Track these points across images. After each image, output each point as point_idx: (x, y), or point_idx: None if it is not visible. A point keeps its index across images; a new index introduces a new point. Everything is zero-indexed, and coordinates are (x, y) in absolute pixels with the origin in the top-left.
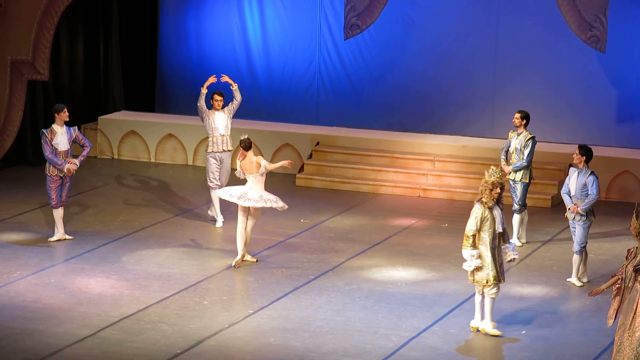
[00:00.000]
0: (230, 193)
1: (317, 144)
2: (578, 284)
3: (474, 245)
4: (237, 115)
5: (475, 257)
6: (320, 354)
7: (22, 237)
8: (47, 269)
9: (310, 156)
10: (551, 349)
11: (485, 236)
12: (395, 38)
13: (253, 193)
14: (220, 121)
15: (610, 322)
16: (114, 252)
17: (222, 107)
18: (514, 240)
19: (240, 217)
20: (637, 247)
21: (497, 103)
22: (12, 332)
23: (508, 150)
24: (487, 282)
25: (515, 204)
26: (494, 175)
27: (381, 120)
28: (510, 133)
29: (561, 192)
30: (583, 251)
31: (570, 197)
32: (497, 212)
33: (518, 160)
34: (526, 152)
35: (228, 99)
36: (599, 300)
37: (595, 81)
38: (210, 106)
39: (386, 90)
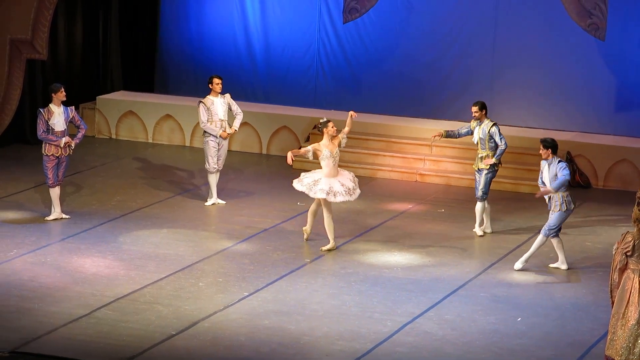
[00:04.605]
0: (325, 190)
1: (315, 127)
2: (564, 267)
3: None
4: (236, 97)
5: None
6: (315, 337)
7: (18, 216)
8: (43, 248)
9: (308, 139)
10: (546, 336)
11: None
12: (394, 22)
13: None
14: (219, 106)
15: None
16: (110, 232)
17: (222, 92)
18: (476, 229)
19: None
20: (627, 232)
21: (496, 89)
22: (8, 310)
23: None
24: None
25: (477, 191)
26: None
27: (379, 104)
28: (472, 123)
29: (538, 183)
30: (549, 236)
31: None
32: None
33: (484, 149)
34: (497, 137)
35: (226, 82)
36: (595, 288)
37: (594, 69)
38: (207, 91)
39: (385, 74)
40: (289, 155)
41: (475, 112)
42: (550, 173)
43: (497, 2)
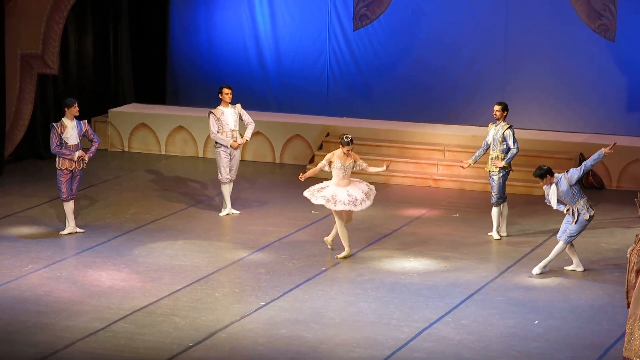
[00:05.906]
0: (344, 201)
1: (328, 134)
2: (579, 269)
3: None
4: (248, 107)
5: None
6: (332, 345)
7: (33, 231)
8: (58, 262)
9: (321, 147)
10: (563, 339)
11: None
12: (404, 28)
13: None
14: (229, 116)
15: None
16: (125, 244)
17: (232, 102)
18: (493, 233)
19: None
20: None
21: (507, 92)
22: (24, 325)
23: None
24: None
25: (492, 197)
26: None
27: (391, 110)
28: (489, 126)
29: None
30: (569, 242)
31: (562, 205)
32: None
33: (495, 151)
34: (510, 141)
35: (238, 92)
36: (612, 290)
37: (605, 70)
38: (219, 101)
39: (396, 80)
40: (301, 175)
41: (497, 110)
42: (562, 191)
43: (507, 5)
